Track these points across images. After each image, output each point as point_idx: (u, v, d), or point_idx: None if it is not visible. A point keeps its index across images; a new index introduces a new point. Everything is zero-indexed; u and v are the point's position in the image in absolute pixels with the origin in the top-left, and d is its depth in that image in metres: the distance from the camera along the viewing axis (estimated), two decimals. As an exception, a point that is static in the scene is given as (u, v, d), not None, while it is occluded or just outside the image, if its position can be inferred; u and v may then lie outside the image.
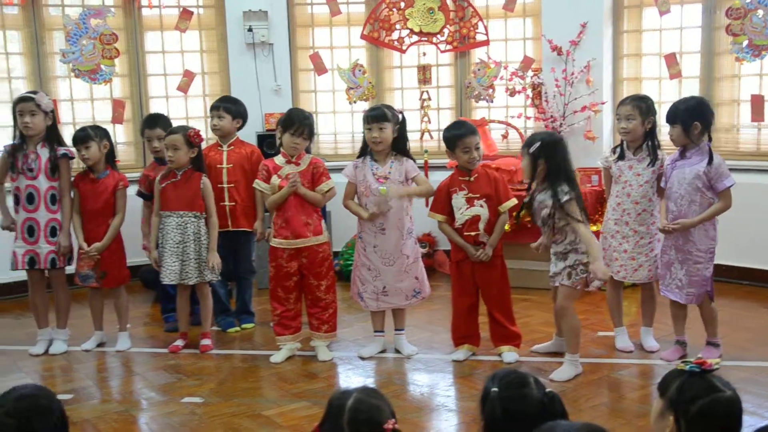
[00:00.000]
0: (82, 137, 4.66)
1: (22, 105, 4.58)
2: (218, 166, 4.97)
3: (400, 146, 4.43)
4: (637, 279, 4.44)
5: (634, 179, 4.34)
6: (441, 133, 6.65)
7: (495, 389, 2.01)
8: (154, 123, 5.12)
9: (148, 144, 5.15)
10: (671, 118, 4.20)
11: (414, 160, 4.50)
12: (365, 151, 4.46)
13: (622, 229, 4.39)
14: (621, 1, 6.25)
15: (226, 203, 4.95)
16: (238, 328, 5.10)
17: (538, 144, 4.04)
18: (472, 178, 4.31)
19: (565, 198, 3.95)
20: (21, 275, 4.86)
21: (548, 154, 4.02)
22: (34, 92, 4.77)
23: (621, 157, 4.40)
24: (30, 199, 4.61)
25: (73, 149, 4.75)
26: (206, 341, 4.72)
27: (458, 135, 4.28)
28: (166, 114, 5.65)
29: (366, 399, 1.98)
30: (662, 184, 4.28)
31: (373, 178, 4.37)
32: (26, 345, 4.82)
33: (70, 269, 4.81)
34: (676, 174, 4.19)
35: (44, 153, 4.63)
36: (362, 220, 4.42)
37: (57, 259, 4.67)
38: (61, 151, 4.67)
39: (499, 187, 4.34)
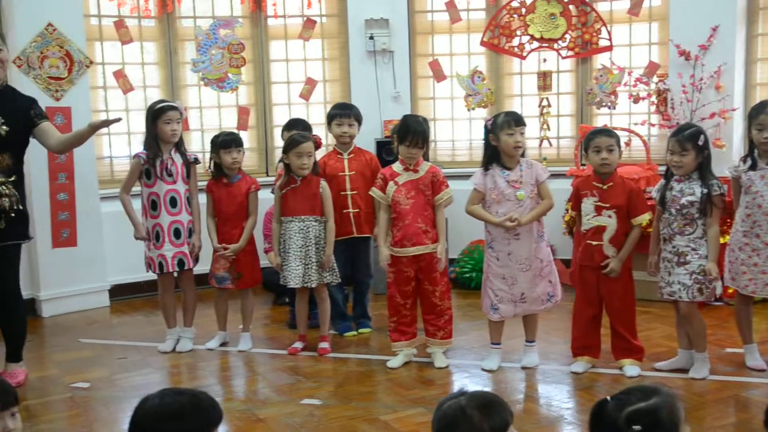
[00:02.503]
0: (237, 140, 4.86)
1: (172, 113, 4.77)
2: (340, 173, 5.04)
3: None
4: None
5: (766, 189, 4.10)
6: (560, 140, 6.66)
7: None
8: (295, 125, 5.29)
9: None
10: None
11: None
12: (492, 159, 4.33)
13: (753, 241, 4.16)
14: (756, 3, 5.96)
15: (350, 210, 5.02)
16: (355, 333, 5.16)
17: (704, 136, 4.09)
18: (605, 186, 4.20)
19: (721, 191, 4.05)
20: (148, 275, 5.06)
21: (707, 146, 4.09)
22: (173, 101, 5.01)
23: (753, 166, 4.16)
24: (173, 202, 4.81)
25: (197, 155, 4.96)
26: (324, 344, 4.80)
27: (592, 136, 4.21)
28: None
29: (463, 406, 1.95)
30: None
31: (506, 184, 4.29)
32: (155, 342, 5.03)
33: (197, 270, 5.00)
34: None
35: (178, 158, 4.84)
36: (493, 229, 4.33)
37: (191, 258, 4.89)
38: (192, 156, 4.91)
39: (633, 199, 4.19)
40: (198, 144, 6.50)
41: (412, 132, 4.37)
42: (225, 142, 4.82)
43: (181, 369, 4.67)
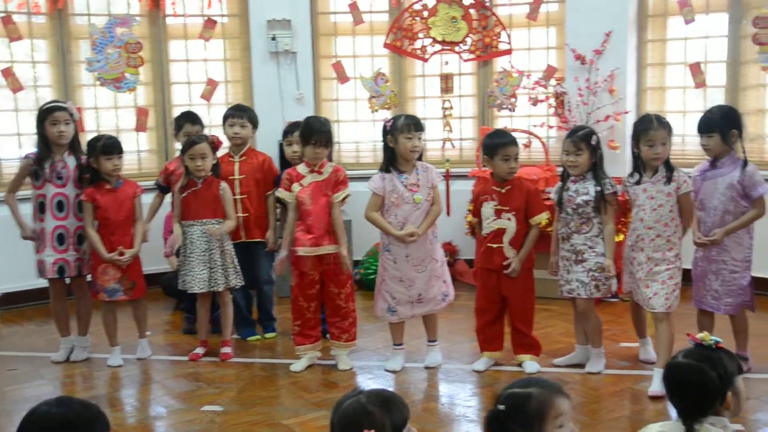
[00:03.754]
0: (118, 146, 4.64)
1: (58, 114, 4.58)
2: (230, 177, 4.91)
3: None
4: (652, 308, 4.10)
5: (648, 203, 4.09)
6: (463, 142, 6.77)
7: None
8: (195, 119, 5.19)
9: (185, 139, 5.01)
10: (707, 128, 4.10)
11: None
12: (390, 162, 4.36)
13: (638, 256, 4.12)
14: (645, 10, 6.20)
15: (240, 214, 4.92)
16: (258, 337, 5.09)
17: (596, 136, 4.21)
18: (504, 190, 4.28)
19: (613, 189, 4.16)
20: (43, 282, 4.87)
21: (600, 146, 4.23)
22: (63, 102, 4.81)
23: (639, 181, 4.14)
24: (60, 206, 4.62)
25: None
26: (227, 349, 4.73)
27: (501, 143, 4.25)
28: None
29: (364, 404, 1.96)
30: (692, 197, 4.16)
31: (404, 187, 4.33)
32: (48, 352, 4.84)
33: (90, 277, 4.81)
34: (708, 185, 4.12)
35: (71, 161, 4.66)
36: (390, 235, 4.35)
37: (83, 266, 4.70)
38: (87, 159, 4.68)
39: (531, 199, 4.29)
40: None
41: (316, 132, 4.36)
42: (106, 148, 4.59)
43: (76, 379, 4.51)
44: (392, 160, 4.36)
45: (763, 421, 3.59)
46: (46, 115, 4.59)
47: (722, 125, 4.06)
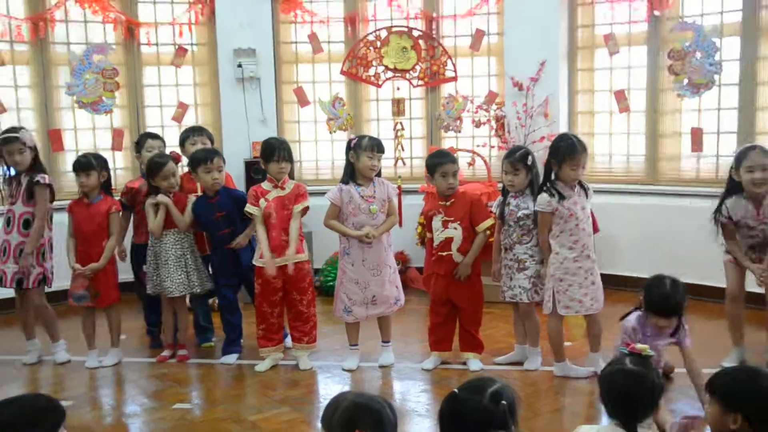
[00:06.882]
0: (85, 165, 4.53)
1: (9, 146, 4.51)
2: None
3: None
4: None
5: (582, 213, 4.08)
6: (413, 160, 6.80)
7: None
8: (155, 135, 5.11)
9: (148, 154, 4.84)
10: (676, 310, 3.59)
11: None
12: (351, 176, 4.38)
13: (585, 263, 4.07)
14: (575, 43, 6.31)
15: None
16: (212, 344, 4.94)
17: (531, 156, 4.22)
18: (448, 203, 4.30)
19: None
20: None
21: (535, 165, 4.25)
22: (16, 129, 4.65)
23: (562, 197, 4.05)
24: (8, 222, 4.58)
25: (47, 176, 4.61)
26: (182, 351, 4.68)
27: (439, 162, 4.28)
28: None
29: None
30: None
31: (361, 198, 4.34)
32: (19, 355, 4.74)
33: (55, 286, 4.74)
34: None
35: (25, 181, 4.58)
36: (350, 238, 4.35)
37: (24, 279, 4.55)
38: (35, 177, 4.55)
39: (474, 209, 4.30)
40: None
41: (278, 148, 4.37)
42: (73, 165, 4.60)
43: (52, 380, 4.41)
44: (352, 175, 4.38)
45: (682, 411, 3.64)
46: (0, 145, 4.55)
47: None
